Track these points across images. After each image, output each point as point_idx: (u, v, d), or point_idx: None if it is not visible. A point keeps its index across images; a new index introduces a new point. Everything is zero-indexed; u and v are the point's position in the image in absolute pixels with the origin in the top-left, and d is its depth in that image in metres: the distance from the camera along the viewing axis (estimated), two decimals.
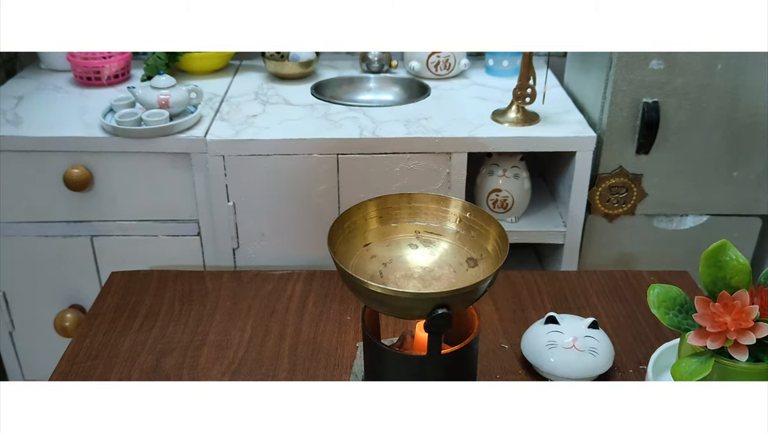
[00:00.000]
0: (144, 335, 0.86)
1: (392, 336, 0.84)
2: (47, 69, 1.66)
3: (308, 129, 1.34)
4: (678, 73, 1.27)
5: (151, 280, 0.97)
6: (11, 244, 1.38)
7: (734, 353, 0.56)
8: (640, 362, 0.82)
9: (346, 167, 1.31)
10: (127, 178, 1.34)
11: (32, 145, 1.30)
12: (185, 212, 1.37)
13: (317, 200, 1.34)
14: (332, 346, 0.85)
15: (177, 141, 1.30)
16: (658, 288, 0.62)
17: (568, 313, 0.83)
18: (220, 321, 0.89)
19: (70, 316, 1.41)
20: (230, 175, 1.32)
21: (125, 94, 1.41)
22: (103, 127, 1.31)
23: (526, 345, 0.80)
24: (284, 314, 0.90)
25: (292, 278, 0.97)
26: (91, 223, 1.37)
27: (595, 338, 0.77)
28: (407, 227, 0.52)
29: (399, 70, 1.70)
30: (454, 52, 1.60)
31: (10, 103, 1.44)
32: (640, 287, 0.95)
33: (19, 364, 1.52)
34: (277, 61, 1.60)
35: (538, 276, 0.98)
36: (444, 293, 0.54)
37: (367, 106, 1.47)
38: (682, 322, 0.60)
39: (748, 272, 0.59)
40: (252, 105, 1.47)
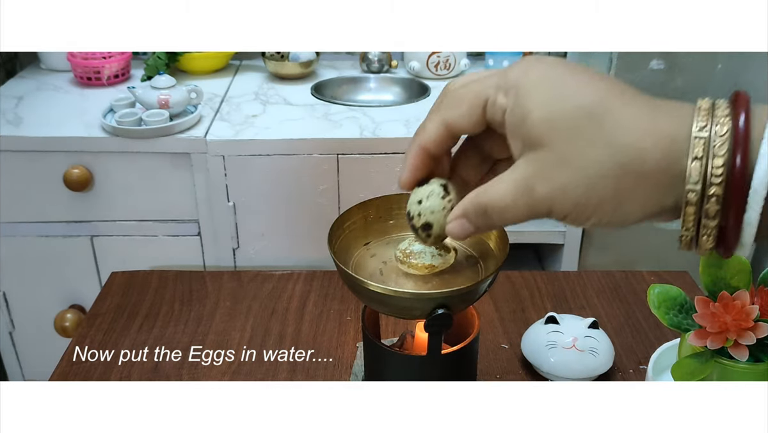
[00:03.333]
0: (144, 335, 0.86)
1: (392, 336, 0.84)
2: (47, 69, 1.66)
3: (308, 129, 1.34)
4: (678, 73, 1.27)
5: (151, 280, 0.97)
6: (11, 244, 1.38)
7: (734, 353, 0.56)
8: (640, 362, 0.82)
9: (346, 167, 1.31)
10: (127, 178, 1.34)
11: (32, 145, 1.30)
12: (185, 212, 1.37)
13: (317, 200, 1.34)
14: (332, 346, 0.85)
15: (177, 141, 1.30)
16: (658, 288, 0.62)
17: (568, 313, 0.83)
18: (220, 321, 0.89)
19: (70, 316, 1.41)
20: (230, 175, 1.32)
21: (125, 94, 1.41)
22: (103, 127, 1.31)
23: (526, 345, 0.80)
24: (284, 314, 0.90)
25: (292, 278, 0.97)
26: (91, 223, 1.37)
27: (595, 338, 0.77)
28: (407, 226, 0.52)
29: (399, 70, 1.70)
30: (454, 52, 1.60)
31: (10, 103, 1.44)
32: (640, 287, 0.95)
33: (19, 364, 1.52)
34: (277, 61, 1.60)
35: (538, 276, 0.98)
36: (444, 293, 0.53)
37: (367, 106, 1.47)
38: (682, 322, 0.60)
39: (748, 271, 0.59)
40: (252, 105, 1.47)
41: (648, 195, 0.36)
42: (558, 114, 0.37)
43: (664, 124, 0.36)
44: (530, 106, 0.38)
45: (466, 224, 0.43)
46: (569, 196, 0.37)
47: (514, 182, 0.39)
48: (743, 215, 0.34)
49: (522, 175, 0.39)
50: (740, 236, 0.35)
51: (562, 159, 0.37)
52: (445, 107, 0.43)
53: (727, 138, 0.34)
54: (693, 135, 0.34)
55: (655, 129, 0.36)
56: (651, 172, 0.35)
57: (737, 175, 0.34)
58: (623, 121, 0.36)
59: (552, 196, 0.38)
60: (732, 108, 0.35)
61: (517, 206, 0.39)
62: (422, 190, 0.48)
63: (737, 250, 0.36)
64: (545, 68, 0.39)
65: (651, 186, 0.36)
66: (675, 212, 0.36)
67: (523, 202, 0.39)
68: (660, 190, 0.36)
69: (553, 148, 0.37)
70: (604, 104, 0.36)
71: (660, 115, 0.36)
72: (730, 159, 0.34)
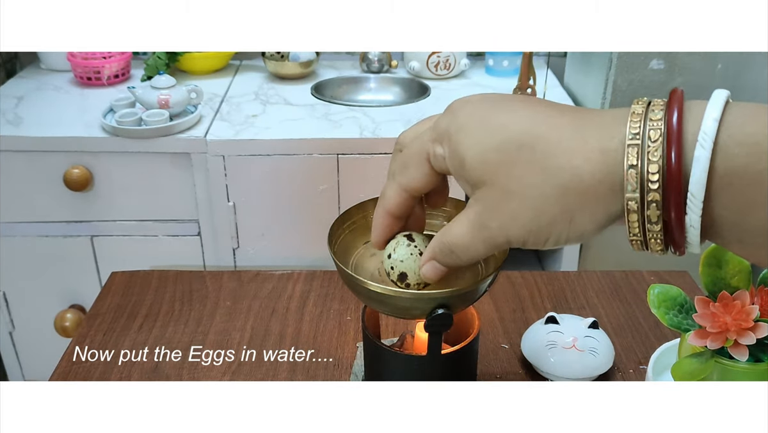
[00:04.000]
0: (144, 335, 0.86)
1: (392, 336, 0.84)
2: (47, 69, 1.66)
3: (308, 129, 1.34)
4: (678, 73, 1.27)
5: (151, 280, 0.97)
6: (11, 244, 1.38)
7: (734, 353, 0.56)
8: (640, 362, 0.82)
9: (346, 167, 1.31)
10: (127, 178, 1.34)
11: (32, 145, 1.30)
12: (185, 212, 1.37)
13: (317, 200, 1.34)
14: (332, 346, 0.85)
15: (177, 141, 1.30)
16: (658, 288, 0.62)
17: (568, 313, 0.83)
18: (220, 321, 0.89)
19: (70, 316, 1.41)
20: (230, 175, 1.32)
21: (125, 94, 1.41)
22: (103, 127, 1.31)
23: (526, 345, 0.80)
24: (284, 314, 0.90)
25: (292, 278, 0.97)
26: (91, 223, 1.37)
27: (595, 338, 0.77)
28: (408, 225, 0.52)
29: (399, 70, 1.70)
30: (454, 52, 1.60)
31: (10, 103, 1.44)
32: (640, 287, 0.95)
33: (19, 364, 1.52)
34: (277, 61, 1.60)
35: (538, 276, 0.98)
36: (444, 293, 0.53)
37: (367, 106, 1.47)
38: (682, 322, 0.60)
39: (748, 271, 0.59)
40: (252, 105, 1.47)
41: (594, 208, 0.36)
42: (489, 152, 0.38)
43: (593, 139, 0.36)
44: (463, 151, 0.39)
45: (437, 265, 0.46)
46: (520, 224, 0.38)
47: (469, 222, 0.41)
48: (684, 218, 0.34)
49: (474, 213, 0.40)
50: (686, 239, 0.35)
51: (505, 192, 0.38)
52: (398, 172, 0.46)
53: (660, 143, 0.34)
54: (626, 143, 0.34)
55: (585, 146, 0.36)
56: (590, 187, 0.36)
57: (673, 180, 0.33)
58: (552, 145, 0.37)
59: (505, 227, 0.39)
60: (666, 109, 0.35)
61: (476, 243, 0.41)
62: (389, 246, 0.52)
63: (688, 249, 0.36)
64: (471, 109, 0.40)
65: (594, 199, 0.36)
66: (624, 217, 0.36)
67: (481, 238, 0.40)
68: (605, 201, 0.36)
69: (494, 184, 0.38)
70: (531, 132, 0.37)
71: (588, 130, 0.36)
72: (664, 164, 0.33)
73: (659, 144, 0.34)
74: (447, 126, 0.41)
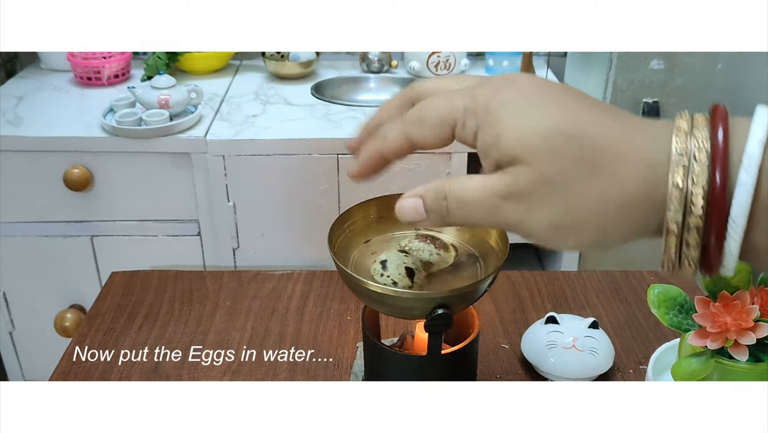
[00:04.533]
0: (144, 335, 0.86)
1: (392, 336, 0.84)
2: (47, 69, 1.66)
3: (308, 129, 1.34)
4: (678, 73, 1.28)
5: (151, 280, 0.97)
6: (11, 244, 1.38)
7: (734, 353, 0.56)
8: (640, 362, 0.82)
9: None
10: (127, 178, 1.34)
11: (32, 145, 1.30)
12: (185, 212, 1.37)
13: (317, 200, 1.34)
14: (332, 346, 0.85)
15: (177, 141, 1.30)
16: (658, 288, 0.62)
17: (568, 313, 0.83)
18: (220, 321, 0.89)
19: (70, 316, 1.41)
20: (230, 175, 1.32)
21: (125, 94, 1.41)
22: (103, 127, 1.31)
23: (526, 345, 0.80)
24: (284, 314, 0.90)
25: (292, 278, 0.97)
26: (91, 223, 1.37)
27: (595, 338, 0.77)
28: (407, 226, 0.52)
29: (399, 70, 1.70)
30: (454, 52, 1.60)
31: (10, 103, 1.44)
32: (640, 287, 0.95)
33: (19, 364, 1.52)
34: (277, 61, 1.60)
35: (538, 276, 0.98)
36: (444, 293, 0.53)
37: (367, 106, 1.47)
38: (682, 322, 0.60)
39: (749, 271, 0.59)
40: (252, 105, 1.47)
41: (631, 225, 0.35)
42: (533, 136, 0.35)
43: (642, 151, 0.34)
44: (502, 128, 0.36)
45: (419, 205, 0.40)
46: (546, 214, 0.35)
47: (486, 184, 0.37)
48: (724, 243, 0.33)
49: (497, 180, 0.37)
50: (722, 263, 0.34)
51: (542, 177, 0.35)
52: (410, 122, 0.42)
53: (706, 165, 0.32)
54: (672, 160, 0.33)
55: (634, 155, 0.34)
56: (631, 200, 0.34)
57: (717, 205, 0.32)
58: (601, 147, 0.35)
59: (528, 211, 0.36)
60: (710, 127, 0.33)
61: (482, 205, 0.37)
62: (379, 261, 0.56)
63: (721, 272, 0.35)
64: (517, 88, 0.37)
65: (633, 215, 0.34)
66: (658, 233, 0.35)
67: (490, 204, 0.37)
68: (643, 218, 0.34)
69: (531, 165, 0.35)
70: (580, 127, 0.35)
71: (638, 140, 0.35)
72: (709, 188, 0.32)
73: (705, 166, 0.32)
74: (487, 99, 0.37)
